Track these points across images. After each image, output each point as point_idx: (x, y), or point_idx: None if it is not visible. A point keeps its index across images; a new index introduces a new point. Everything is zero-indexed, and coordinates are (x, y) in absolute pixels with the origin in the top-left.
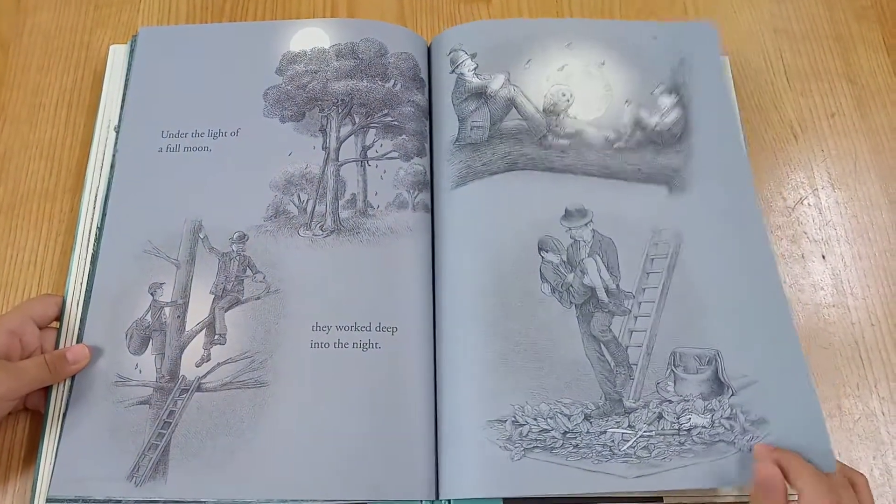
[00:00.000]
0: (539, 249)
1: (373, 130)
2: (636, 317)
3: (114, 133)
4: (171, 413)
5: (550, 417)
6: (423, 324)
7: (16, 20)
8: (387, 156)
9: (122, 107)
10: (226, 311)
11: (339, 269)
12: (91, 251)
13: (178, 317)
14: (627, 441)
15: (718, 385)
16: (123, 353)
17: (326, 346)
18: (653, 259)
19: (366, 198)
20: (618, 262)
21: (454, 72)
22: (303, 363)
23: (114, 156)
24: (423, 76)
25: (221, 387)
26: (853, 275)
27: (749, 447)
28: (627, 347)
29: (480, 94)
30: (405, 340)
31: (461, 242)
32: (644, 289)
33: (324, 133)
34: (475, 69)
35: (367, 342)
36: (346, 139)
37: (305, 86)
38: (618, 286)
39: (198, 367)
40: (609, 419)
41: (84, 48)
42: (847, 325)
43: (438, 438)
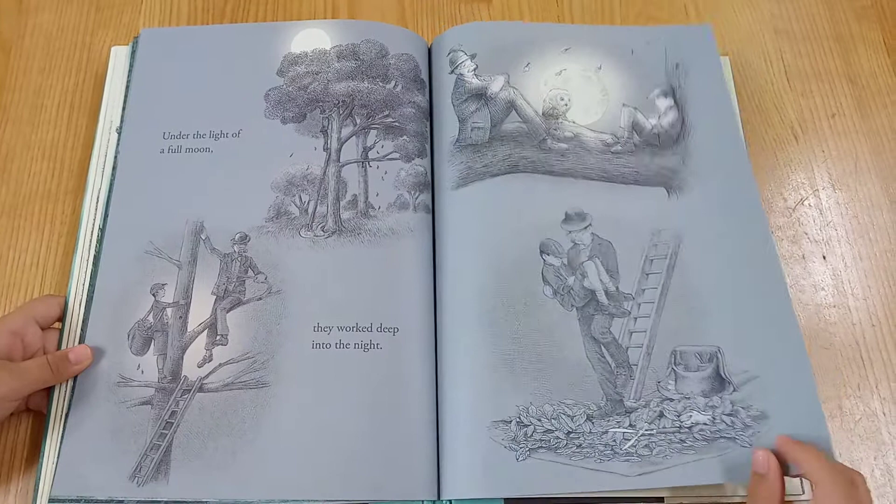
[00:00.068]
0: (541, 252)
1: (374, 131)
2: (636, 318)
3: (115, 134)
4: (173, 413)
5: (554, 418)
6: (424, 324)
7: (17, 22)
8: (388, 157)
9: (124, 108)
10: (227, 312)
11: (341, 270)
12: (93, 252)
13: (180, 317)
14: (629, 440)
15: (719, 381)
16: (125, 354)
17: (328, 347)
18: (652, 260)
19: (367, 199)
20: (617, 265)
21: (453, 72)
22: (304, 364)
23: (115, 157)
24: (424, 77)
25: (223, 387)
26: (854, 275)
27: (750, 443)
28: (628, 348)
29: (480, 96)
30: (406, 341)
31: (462, 243)
32: (643, 290)
33: (325, 134)
34: (475, 70)
35: (369, 343)
36: (348, 140)
37: (307, 87)
38: (617, 288)
39: (199, 368)
40: (610, 419)
41: (86, 49)
42: (848, 326)
43: (439, 439)
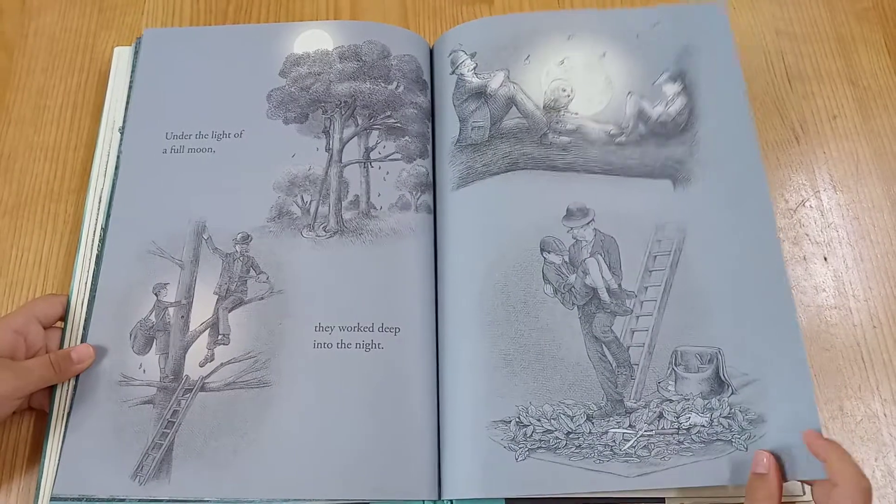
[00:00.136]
0: (541, 250)
1: (376, 132)
2: (638, 316)
3: (118, 134)
4: (175, 413)
5: (554, 418)
6: (426, 324)
7: (20, 22)
8: (390, 157)
9: (127, 108)
10: (229, 312)
11: (342, 270)
12: (95, 251)
13: (182, 317)
14: (628, 441)
15: (719, 384)
16: (127, 353)
17: (329, 347)
18: (655, 256)
19: (369, 199)
20: (620, 261)
21: (454, 72)
22: (306, 363)
23: (118, 157)
24: (426, 78)
25: (225, 387)
26: (855, 277)
27: (746, 446)
28: (629, 347)
29: (480, 94)
30: (408, 341)
31: (463, 243)
32: (646, 287)
33: (327, 135)
34: (475, 69)
35: (370, 342)
36: (350, 141)
37: (309, 88)
38: (620, 286)
39: (201, 367)
40: (610, 419)
41: (88, 50)
42: (849, 327)
43: (441, 438)
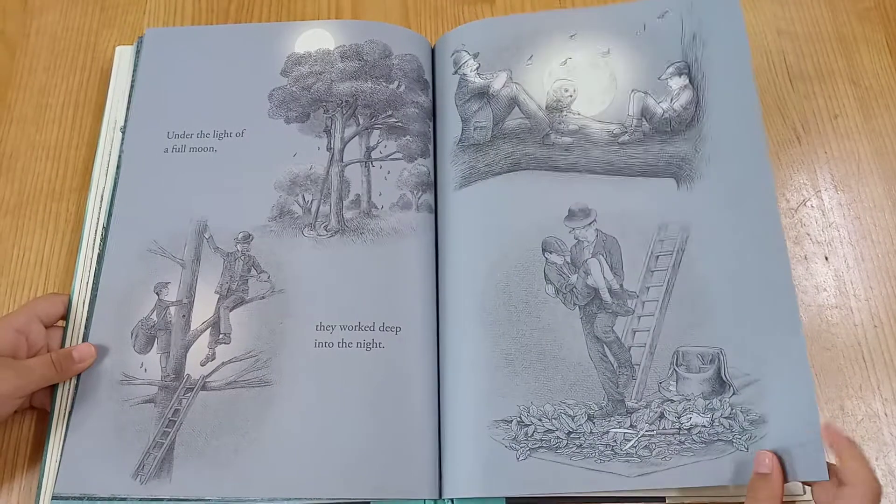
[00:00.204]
0: (543, 251)
1: (377, 131)
2: (639, 316)
3: (120, 133)
4: (176, 412)
5: (555, 418)
6: (427, 324)
7: (22, 21)
8: (391, 157)
9: (128, 107)
10: (230, 311)
11: (344, 269)
12: (97, 251)
13: (183, 316)
14: (629, 441)
15: (720, 384)
16: (129, 352)
17: (330, 346)
18: (657, 256)
19: (370, 198)
20: (622, 262)
21: (457, 73)
22: (307, 362)
23: (120, 156)
24: (427, 77)
25: (226, 386)
26: (856, 276)
27: (747, 447)
28: (630, 348)
29: (483, 95)
30: (409, 340)
31: (464, 243)
32: (648, 287)
33: (328, 134)
34: (477, 69)
35: (371, 342)
36: (351, 140)
37: (310, 87)
38: (621, 286)
39: (202, 366)
40: (611, 419)
41: (90, 49)
42: (850, 327)
43: (441, 438)
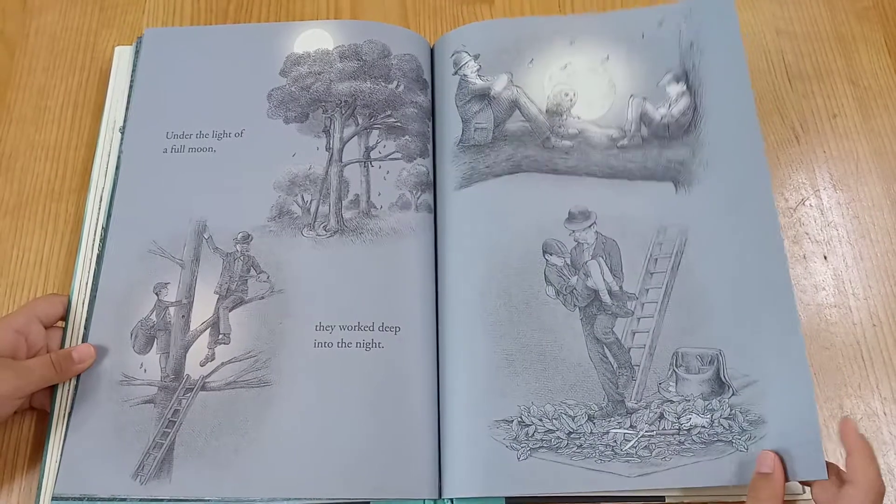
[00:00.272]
0: (543, 252)
1: (376, 131)
2: (639, 318)
3: (119, 134)
4: (176, 412)
5: (555, 418)
6: (426, 324)
7: (22, 21)
8: (390, 157)
9: (128, 108)
10: (230, 311)
11: (343, 270)
12: (96, 251)
13: (183, 316)
14: (629, 441)
15: (719, 385)
16: (128, 353)
17: (330, 346)
18: (656, 259)
19: (369, 198)
20: (621, 264)
21: (457, 73)
22: (306, 363)
23: (119, 156)
24: (426, 77)
25: (225, 386)
26: (855, 275)
27: (746, 447)
28: (630, 349)
29: (484, 96)
30: (408, 340)
31: (464, 244)
32: (647, 289)
33: (327, 134)
34: (478, 70)
35: (371, 342)
36: (350, 140)
37: (309, 87)
38: (621, 288)
39: (202, 367)
40: (611, 420)
41: (89, 49)
42: (849, 326)
43: (441, 438)
